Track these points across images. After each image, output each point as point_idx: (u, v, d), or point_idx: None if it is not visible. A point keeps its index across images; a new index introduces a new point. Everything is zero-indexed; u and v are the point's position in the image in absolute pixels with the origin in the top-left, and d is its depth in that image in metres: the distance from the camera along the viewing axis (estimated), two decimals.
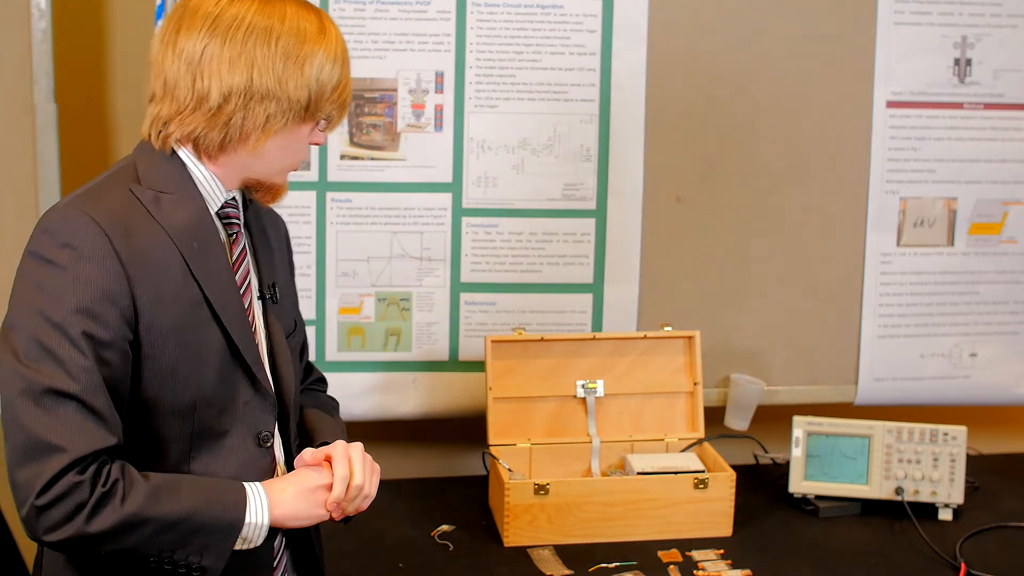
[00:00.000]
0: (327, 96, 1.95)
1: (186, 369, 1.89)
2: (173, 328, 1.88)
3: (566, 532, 2.69)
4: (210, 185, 1.97)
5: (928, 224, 3.12)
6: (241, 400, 1.96)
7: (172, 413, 1.91)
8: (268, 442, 2.00)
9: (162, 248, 1.88)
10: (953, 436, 2.88)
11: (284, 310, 2.12)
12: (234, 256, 2.00)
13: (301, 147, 2.00)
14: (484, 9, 2.90)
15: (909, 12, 3.03)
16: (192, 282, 1.90)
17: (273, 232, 2.17)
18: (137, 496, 1.81)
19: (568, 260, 3.00)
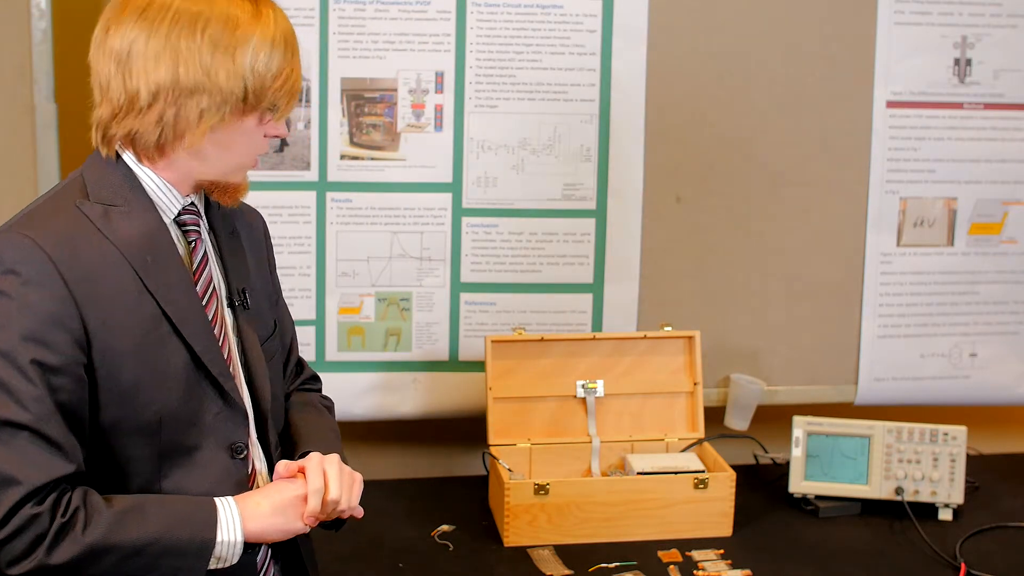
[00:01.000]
0: (268, 85, 1.82)
1: (148, 388, 1.83)
2: (130, 348, 1.81)
3: (566, 532, 2.69)
4: (162, 192, 1.89)
5: (928, 224, 3.12)
6: (210, 413, 1.89)
7: (136, 433, 1.84)
8: (242, 453, 1.93)
9: (113, 266, 1.81)
10: (953, 436, 2.88)
11: (259, 314, 2.05)
12: (194, 264, 1.91)
13: (251, 142, 1.88)
14: (484, 9, 2.90)
15: (909, 12, 3.03)
16: (148, 298, 1.83)
17: (246, 231, 2.08)
18: (100, 524, 1.76)
19: (568, 260, 3.00)
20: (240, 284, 2.00)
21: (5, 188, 2.81)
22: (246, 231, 2.09)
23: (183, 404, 1.86)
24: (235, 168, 1.91)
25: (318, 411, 2.22)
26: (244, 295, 1.99)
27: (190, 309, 1.87)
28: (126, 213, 1.85)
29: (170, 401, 1.85)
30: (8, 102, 2.79)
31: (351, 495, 1.92)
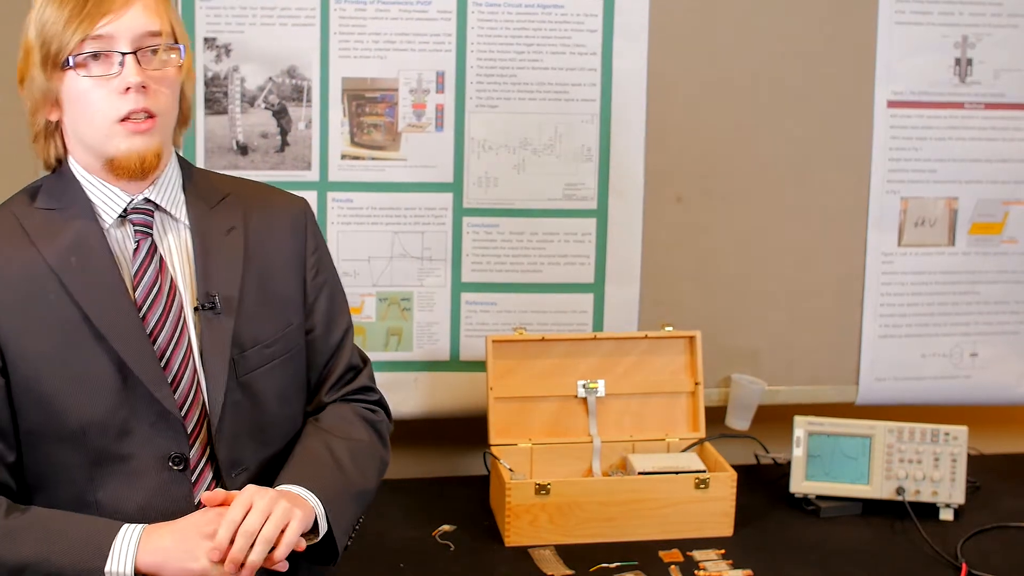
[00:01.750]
0: (52, 34, 1.80)
1: (68, 394, 1.81)
2: (48, 354, 1.81)
3: (567, 532, 2.69)
4: (101, 191, 1.88)
5: (929, 224, 3.12)
6: (145, 422, 1.84)
7: (60, 440, 1.83)
8: (180, 465, 1.87)
9: (34, 272, 1.82)
10: (954, 436, 2.88)
11: (254, 316, 1.96)
12: (135, 266, 1.88)
13: (87, 101, 1.81)
14: (485, 9, 2.90)
15: (910, 12, 3.03)
16: (69, 302, 1.82)
17: (264, 228, 2.01)
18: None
19: (569, 260, 3.00)
20: (213, 286, 1.91)
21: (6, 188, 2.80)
22: (264, 227, 2.01)
23: (111, 412, 1.83)
24: (85, 135, 1.86)
25: (323, 433, 2.05)
26: (214, 299, 1.90)
27: (117, 313, 1.83)
28: (63, 217, 1.85)
29: (95, 409, 1.81)
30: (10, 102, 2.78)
31: (270, 534, 1.76)
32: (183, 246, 1.93)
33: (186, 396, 1.88)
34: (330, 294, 2.10)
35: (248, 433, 1.95)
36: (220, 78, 2.83)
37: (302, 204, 2.09)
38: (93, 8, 1.79)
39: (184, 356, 1.88)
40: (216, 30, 2.82)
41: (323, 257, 2.09)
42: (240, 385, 1.93)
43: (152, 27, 1.82)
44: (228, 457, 1.92)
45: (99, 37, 1.79)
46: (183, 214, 1.94)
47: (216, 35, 2.82)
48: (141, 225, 1.89)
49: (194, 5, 2.80)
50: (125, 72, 1.80)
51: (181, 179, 1.98)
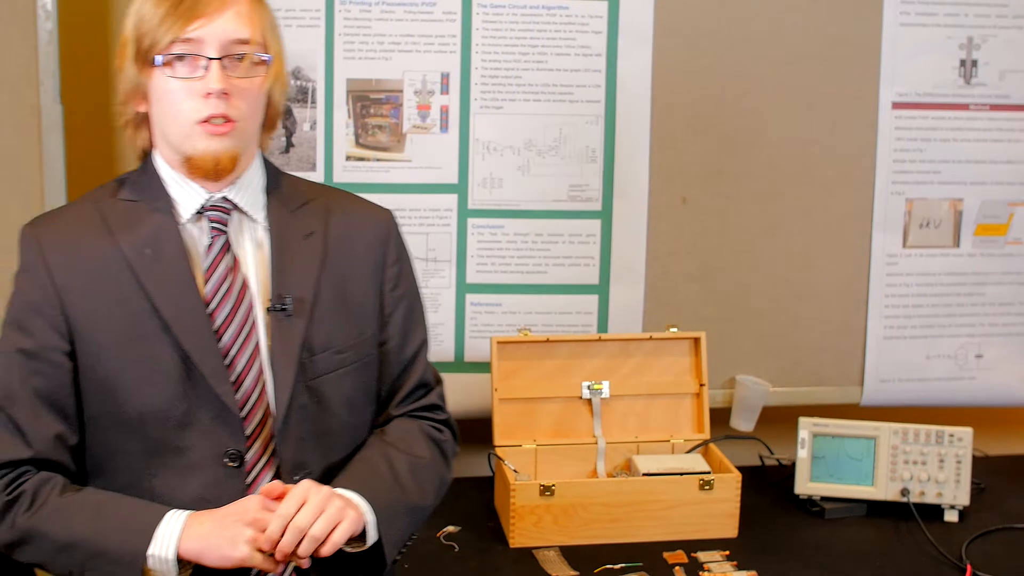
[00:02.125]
0: (146, 30, 1.84)
1: (130, 381, 1.84)
2: (114, 341, 1.84)
3: (572, 533, 2.69)
4: (180, 186, 1.91)
5: (934, 225, 3.12)
6: (206, 416, 1.85)
7: (119, 427, 1.85)
8: (236, 462, 1.87)
9: (108, 260, 1.86)
10: (959, 437, 2.87)
11: (325, 322, 1.95)
12: (206, 261, 1.90)
13: (170, 100, 1.84)
14: (490, 10, 2.90)
15: (915, 13, 3.03)
16: (140, 293, 1.85)
17: (343, 237, 2.01)
18: (41, 511, 1.79)
19: (574, 261, 3.00)
20: (286, 288, 1.92)
21: (10, 190, 2.81)
22: (344, 235, 2.01)
23: (171, 403, 1.85)
24: (169, 133, 1.88)
25: (384, 445, 2.03)
26: (284, 300, 1.91)
27: (184, 306, 1.86)
28: (142, 210, 1.89)
29: (155, 398, 1.84)
30: (14, 103, 2.79)
31: (319, 532, 1.77)
32: (259, 247, 1.95)
33: (248, 394, 1.88)
34: (408, 308, 2.08)
35: (313, 437, 1.94)
36: None
37: (386, 216, 2.08)
38: (187, 10, 1.82)
39: (250, 355, 1.89)
40: None
41: (404, 270, 2.08)
42: (308, 388, 1.93)
43: (241, 35, 1.84)
44: (292, 459, 1.92)
45: (189, 40, 1.82)
46: (262, 216, 1.96)
47: None
48: (216, 222, 1.91)
49: None
50: (209, 77, 1.82)
51: (264, 182, 1.99)
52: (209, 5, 1.82)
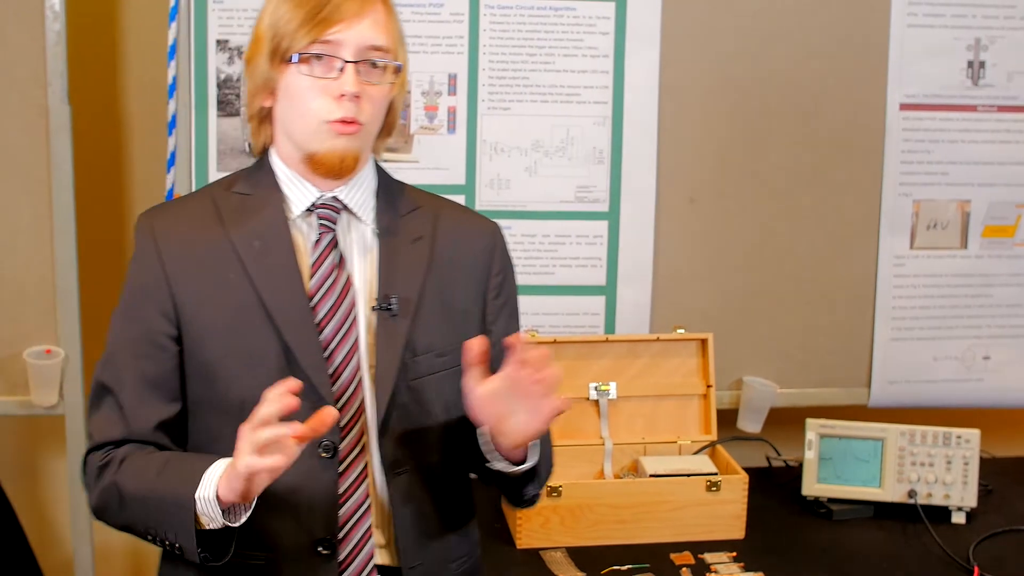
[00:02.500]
0: (285, 30, 1.89)
1: (231, 368, 1.89)
2: (219, 328, 1.90)
3: (579, 534, 2.69)
4: (293, 183, 1.96)
5: (941, 226, 3.11)
6: (305, 406, 1.84)
7: (219, 412, 1.91)
8: (330, 453, 1.91)
9: (218, 250, 1.92)
10: (966, 439, 2.87)
11: (429, 325, 1.98)
12: (313, 256, 1.94)
13: (303, 97, 1.89)
14: (497, 11, 2.90)
15: (922, 14, 3.03)
16: (247, 284, 1.90)
17: (451, 245, 2.04)
18: (123, 470, 1.85)
19: (581, 262, 3.00)
20: (392, 289, 1.96)
21: (19, 190, 2.82)
22: (451, 243, 2.05)
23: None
24: (294, 131, 1.93)
25: None
26: (389, 301, 1.95)
27: (288, 298, 1.91)
28: (254, 203, 1.95)
29: (255, 386, 1.85)
30: (22, 104, 2.80)
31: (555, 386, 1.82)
32: (366, 247, 1.99)
33: (345, 388, 1.92)
34: (508, 317, 2.13)
35: (412, 436, 1.98)
36: (232, 80, 2.84)
37: (493, 227, 2.14)
38: (328, 14, 1.87)
39: (349, 350, 1.93)
40: (228, 32, 2.82)
41: (507, 282, 2.13)
42: (409, 389, 1.97)
43: (378, 41, 1.90)
44: (391, 456, 1.96)
45: (327, 42, 1.88)
46: (371, 218, 2.00)
47: (228, 37, 2.82)
48: (326, 219, 1.96)
49: (207, 7, 2.81)
50: (343, 79, 1.87)
51: (375, 185, 2.04)
52: (349, 11, 1.88)
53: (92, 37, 3.08)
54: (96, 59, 3.11)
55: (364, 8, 1.89)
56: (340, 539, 1.93)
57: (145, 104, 3.11)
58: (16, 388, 2.87)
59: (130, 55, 3.13)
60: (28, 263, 2.84)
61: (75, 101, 2.81)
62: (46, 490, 3.30)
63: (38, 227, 2.83)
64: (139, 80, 3.13)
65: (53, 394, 2.86)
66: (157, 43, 2.89)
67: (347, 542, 1.93)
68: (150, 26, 3.01)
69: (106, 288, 3.13)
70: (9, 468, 3.23)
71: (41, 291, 2.85)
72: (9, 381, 2.87)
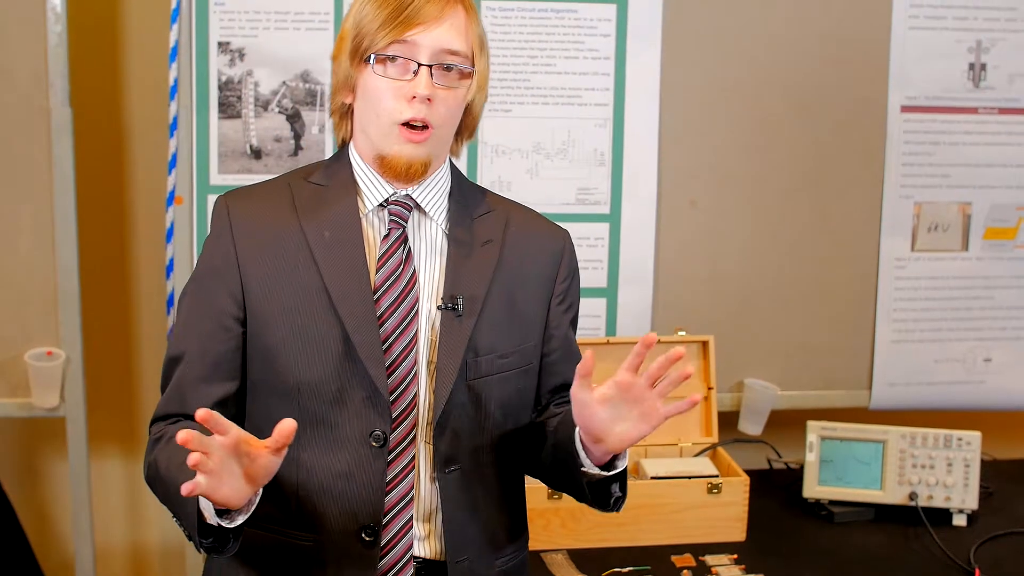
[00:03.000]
0: (366, 30, 1.92)
1: (291, 352, 1.92)
2: (282, 311, 1.93)
3: (580, 536, 2.69)
4: (368, 179, 1.99)
5: (942, 229, 3.12)
6: (358, 396, 1.93)
7: (276, 395, 1.94)
8: (380, 443, 1.93)
9: (288, 237, 1.95)
10: (967, 441, 2.87)
11: (494, 327, 2.00)
12: (381, 250, 1.97)
13: (378, 97, 1.92)
14: (498, 13, 2.90)
15: (924, 16, 3.03)
16: (314, 270, 1.93)
17: (519, 251, 2.05)
18: (164, 449, 1.89)
19: (582, 264, 2.94)
20: (459, 289, 1.98)
21: (21, 191, 2.82)
22: (521, 248, 2.06)
23: (328, 379, 1.93)
24: (372, 131, 1.96)
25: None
26: (456, 301, 1.97)
27: (353, 288, 1.94)
28: (329, 195, 1.99)
29: (313, 371, 1.92)
30: (23, 106, 2.80)
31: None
32: (435, 247, 2.02)
33: (400, 381, 1.95)
34: (571, 324, 2.16)
35: (468, 434, 2.00)
36: (234, 82, 2.84)
37: (563, 234, 2.15)
38: (408, 16, 1.90)
39: (408, 344, 1.95)
40: (230, 34, 2.82)
41: (572, 289, 2.15)
42: (468, 387, 1.99)
43: (453, 46, 1.92)
44: (446, 453, 1.98)
45: (404, 42, 1.90)
46: (442, 218, 2.03)
47: (230, 39, 2.82)
48: (397, 216, 1.99)
49: (208, 9, 2.81)
50: (416, 82, 1.90)
51: (450, 186, 2.06)
52: (429, 14, 1.91)
53: (93, 39, 3.08)
54: (97, 61, 3.11)
55: (444, 12, 1.92)
56: (383, 526, 1.95)
57: (146, 106, 3.11)
58: (17, 390, 2.87)
59: (131, 57, 3.13)
60: (29, 265, 2.84)
61: (76, 103, 2.82)
62: (47, 492, 3.30)
63: (39, 229, 2.83)
64: (140, 82, 3.14)
65: (54, 396, 2.86)
66: (158, 45, 2.89)
67: (388, 530, 1.96)
68: (151, 28, 3.02)
69: (107, 290, 3.15)
70: (10, 470, 3.23)
71: (42, 293, 2.85)
72: (10, 383, 2.87)
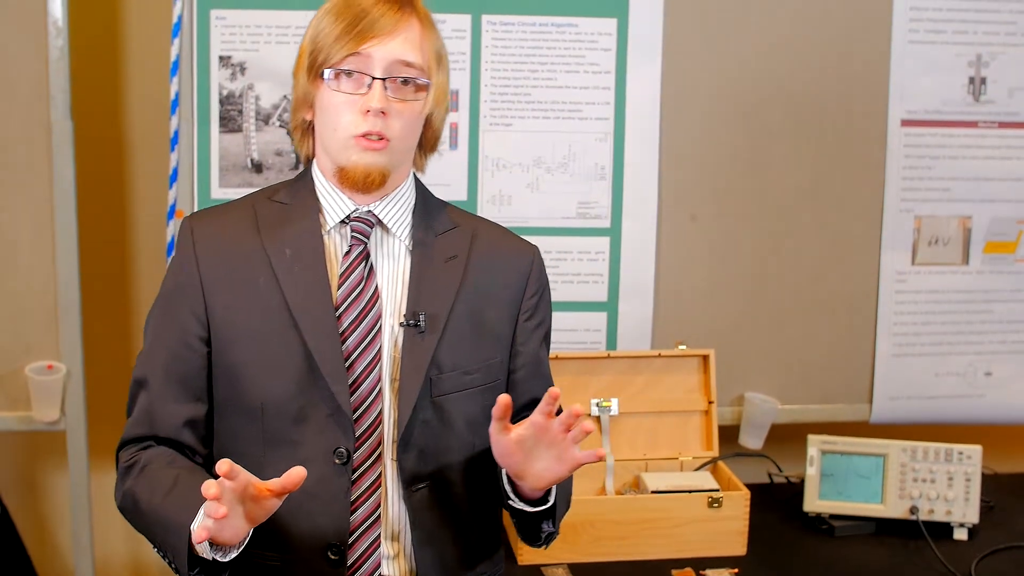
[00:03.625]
0: (321, 44, 1.94)
1: (254, 371, 1.93)
2: (245, 331, 1.94)
3: (580, 551, 2.69)
4: (330, 195, 1.99)
5: (943, 242, 3.12)
6: (321, 413, 1.93)
7: (241, 414, 1.95)
8: (343, 460, 1.93)
9: (251, 256, 1.96)
10: (968, 455, 2.87)
11: (456, 343, 2.00)
12: (342, 267, 1.97)
13: (333, 111, 1.94)
14: (499, 28, 2.91)
15: (924, 31, 3.04)
16: (276, 289, 1.94)
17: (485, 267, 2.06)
18: (140, 480, 1.90)
19: (583, 278, 3.00)
20: (422, 306, 1.98)
21: (21, 205, 2.82)
22: (486, 264, 2.06)
23: (291, 398, 1.93)
24: (329, 144, 1.97)
25: None
26: (418, 318, 1.97)
27: (314, 306, 1.94)
28: (291, 213, 2.00)
29: (276, 390, 1.93)
30: (25, 119, 2.80)
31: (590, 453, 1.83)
32: (398, 263, 2.02)
33: (364, 398, 1.95)
34: (540, 340, 2.15)
35: (434, 452, 2.00)
36: (235, 96, 2.84)
37: (531, 250, 2.16)
38: (362, 30, 1.92)
39: (371, 361, 1.96)
40: (231, 48, 2.83)
41: (541, 305, 2.15)
42: (433, 404, 1.99)
43: (408, 58, 1.94)
44: (411, 471, 1.98)
45: (358, 55, 1.91)
46: (405, 234, 2.03)
47: (231, 53, 2.83)
48: (358, 232, 1.99)
49: (209, 24, 2.81)
50: (370, 95, 1.91)
51: (414, 202, 2.07)
52: (383, 27, 1.92)
53: (95, 53, 3.09)
54: (99, 75, 3.11)
55: (398, 25, 1.92)
56: (349, 545, 1.95)
57: (147, 120, 3.12)
58: (18, 403, 2.87)
59: (133, 71, 3.14)
60: (30, 278, 2.84)
61: (78, 117, 2.82)
62: (47, 505, 3.30)
63: (40, 242, 2.83)
64: (141, 96, 3.14)
65: (55, 410, 2.86)
66: (159, 59, 2.90)
67: (355, 549, 1.96)
68: (153, 42, 3.02)
69: (108, 303, 3.15)
70: (10, 483, 3.23)
71: (43, 306, 2.85)
72: (11, 396, 2.87)
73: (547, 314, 2.17)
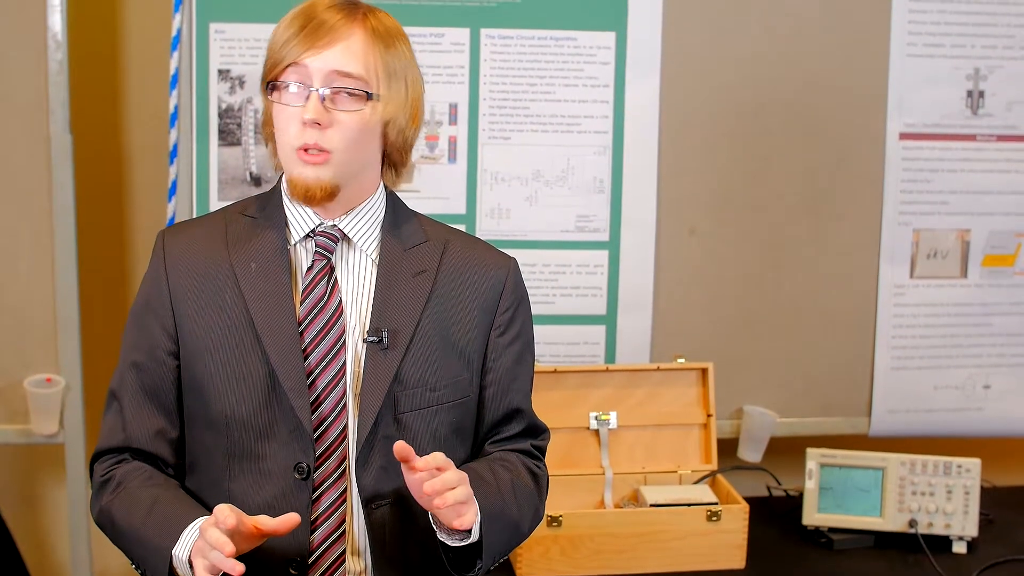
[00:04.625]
0: (269, 58, 1.92)
1: (219, 385, 1.92)
2: (211, 345, 1.93)
3: (579, 564, 2.69)
4: (297, 210, 1.97)
5: (941, 256, 3.12)
6: (284, 429, 1.91)
7: (207, 427, 1.94)
8: (304, 475, 1.91)
9: (218, 270, 1.95)
10: (967, 468, 2.87)
11: (423, 359, 1.96)
12: (305, 281, 1.94)
13: (279, 123, 1.91)
14: (498, 41, 2.91)
15: (922, 44, 3.04)
16: (241, 304, 1.93)
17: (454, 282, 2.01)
18: (118, 497, 1.90)
19: (581, 292, 3.00)
20: (385, 322, 1.94)
21: (21, 218, 2.82)
22: (457, 278, 2.02)
23: (255, 412, 1.92)
24: (281, 158, 1.94)
25: (489, 461, 2.04)
26: (382, 334, 1.93)
27: (277, 320, 1.92)
28: (258, 227, 1.98)
29: (240, 405, 1.92)
30: (24, 132, 2.80)
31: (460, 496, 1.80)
32: (364, 278, 1.99)
33: (326, 414, 1.92)
34: (516, 356, 2.08)
35: (395, 469, 1.92)
36: (234, 109, 2.84)
37: (507, 263, 2.09)
38: (303, 40, 1.88)
39: (333, 378, 1.93)
40: (230, 62, 2.83)
41: (516, 319, 2.07)
42: (396, 421, 1.96)
43: (346, 68, 1.88)
44: (370, 488, 1.94)
45: (298, 66, 1.88)
46: (372, 248, 2.00)
47: (230, 67, 2.83)
48: (322, 247, 1.97)
49: (208, 37, 2.82)
50: (306, 107, 1.87)
51: (383, 217, 2.02)
52: (322, 38, 1.87)
53: (94, 66, 3.09)
54: (98, 88, 3.12)
55: (338, 36, 1.88)
56: (311, 563, 1.93)
57: (147, 133, 3.12)
58: (16, 416, 2.87)
59: (132, 84, 3.14)
60: (29, 291, 2.85)
61: (77, 130, 2.82)
62: (46, 519, 3.30)
63: (39, 255, 2.83)
64: (141, 109, 3.14)
65: (53, 423, 2.86)
66: (159, 72, 2.90)
67: (318, 566, 1.94)
68: (152, 55, 3.02)
69: (107, 317, 3.15)
70: (9, 496, 3.22)
71: (42, 319, 2.85)
72: (9, 409, 2.87)
73: (525, 329, 2.10)
